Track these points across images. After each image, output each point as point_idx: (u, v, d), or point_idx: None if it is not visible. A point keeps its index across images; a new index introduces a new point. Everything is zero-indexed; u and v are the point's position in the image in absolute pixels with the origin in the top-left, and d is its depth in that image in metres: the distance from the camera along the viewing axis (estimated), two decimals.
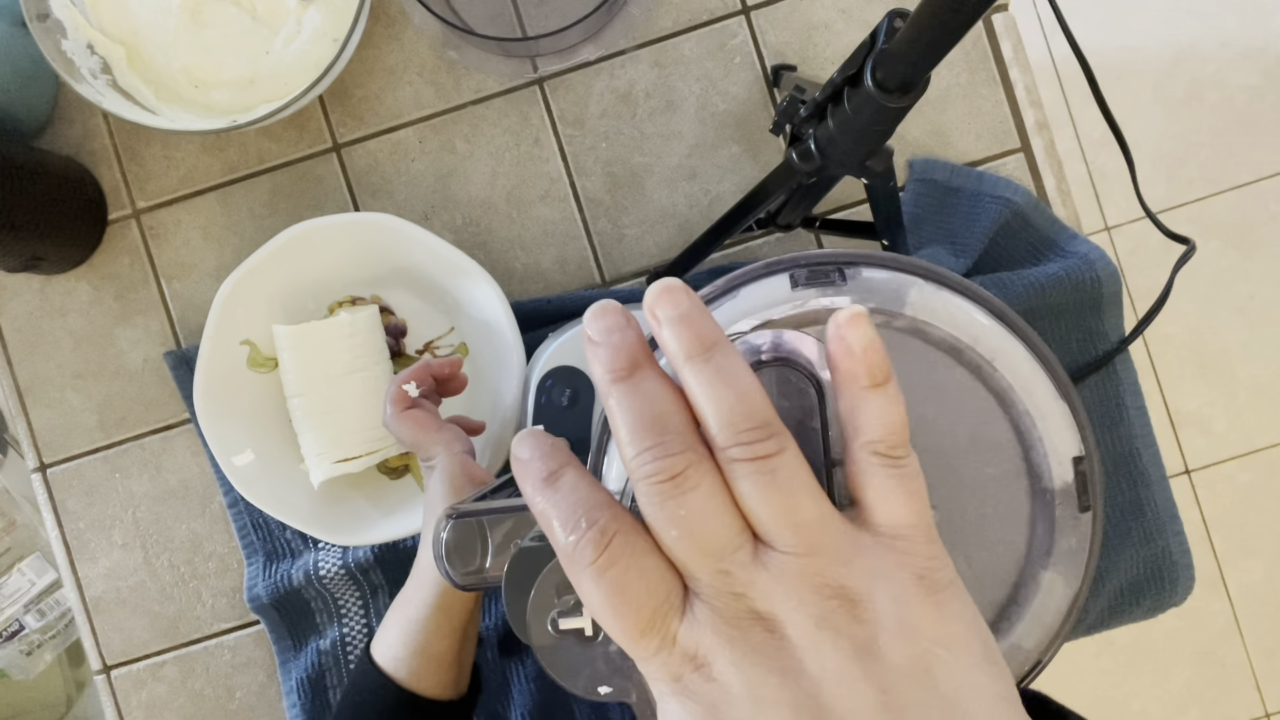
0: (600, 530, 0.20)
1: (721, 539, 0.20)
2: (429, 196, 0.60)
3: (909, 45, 0.30)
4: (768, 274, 0.29)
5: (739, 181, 0.60)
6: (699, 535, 0.20)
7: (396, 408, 0.49)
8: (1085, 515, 0.29)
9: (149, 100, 0.56)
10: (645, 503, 0.21)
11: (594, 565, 0.20)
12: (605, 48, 0.58)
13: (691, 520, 0.20)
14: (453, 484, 0.46)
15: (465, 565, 0.27)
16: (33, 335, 0.61)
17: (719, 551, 0.20)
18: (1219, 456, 1.43)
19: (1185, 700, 1.42)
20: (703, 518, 0.20)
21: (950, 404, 0.29)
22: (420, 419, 0.48)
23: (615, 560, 0.20)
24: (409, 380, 0.49)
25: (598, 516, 0.21)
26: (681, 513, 0.20)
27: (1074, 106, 1.42)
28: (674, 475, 0.20)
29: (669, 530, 0.20)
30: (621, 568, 0.20)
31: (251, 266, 0.54)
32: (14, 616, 0.74)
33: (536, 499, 0.22)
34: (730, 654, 0.20)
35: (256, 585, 0.58)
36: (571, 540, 0.21)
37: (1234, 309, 1.43)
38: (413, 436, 0.48)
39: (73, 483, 0.61)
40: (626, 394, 0.21)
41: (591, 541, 0.20)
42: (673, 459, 0.20)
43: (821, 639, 0.19)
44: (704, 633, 0.20)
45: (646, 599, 0.20)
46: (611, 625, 0.20)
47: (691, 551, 0.20)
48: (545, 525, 0.22)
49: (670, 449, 0.20)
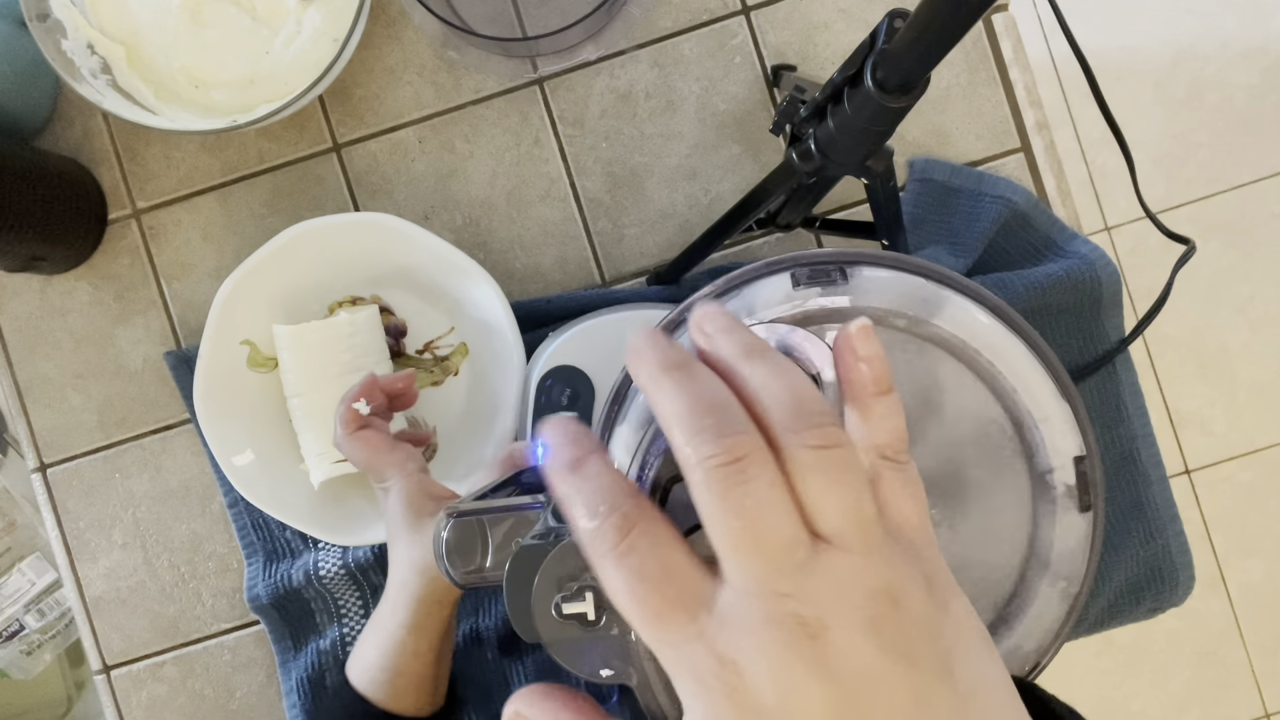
0: (623, 516, 0.20)
1: (784, 534, 0.19)
2: (429, 196, 0.60)
3: (909, 45, 0.31)
4: (769, 273, 0.29)
5: (739, 181, 0.60)
6: (761, 529, 0.19)
7: (347, 429, 0.47)
8: (1086, 515, 0.29)
9: (149, 100, 0.56)
10: (703, 490, 0.19)
11: (615, 550, 0.20)
12: (605, 48, 0.58)
13: (757, 511, 0.19)
14: (411, 504, 0.45)
15: (465, 565, 0.27)
16: (33, 335, 0.61)
17: (779, 548, 0.19)
18: (1219, 456, 1.43)
19: (1185, 700, 1.42)
20: (767, 509, 0.19)
21: (951, 403, 0.29)
22: (372, 440, 0.47)
23: (635, 547, 0.20)
24: (358, 398, 0.47)
25: (621, 503, 0.20)
26: (747, 502, 0.19)
27: (1074, 106, 1.43)
28: (737, 458, 0.19)
29: (730, 521, 0.19)
30: (642, 555, 0.20)
31: (251, 266, 0.54)
32: (14, 616, 0.74)
33: (560, 484, 0.21)
34: (765, 657, 0.19)
35: (256, 585, 0.58)
36: (593, 525, 0.20)
37: (1234, 309, 1.43)
38: (365, 458, 0.46)
39: (73, 483, 0.61)
40: (682, 380, 0.21)
41: (614, 526, 0.20)
42: (736, 438, 0.19)
43: (866, 644, 0.19)
44: (737, 633, 0.19)
45: (668, 587, 0.19)
46: (631, 612, 0.20)
47: (749, 546, 0.19)
48: (569, 510, 0.21)
49: (733, 428, 0.20)
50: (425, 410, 0.58)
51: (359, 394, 0.48)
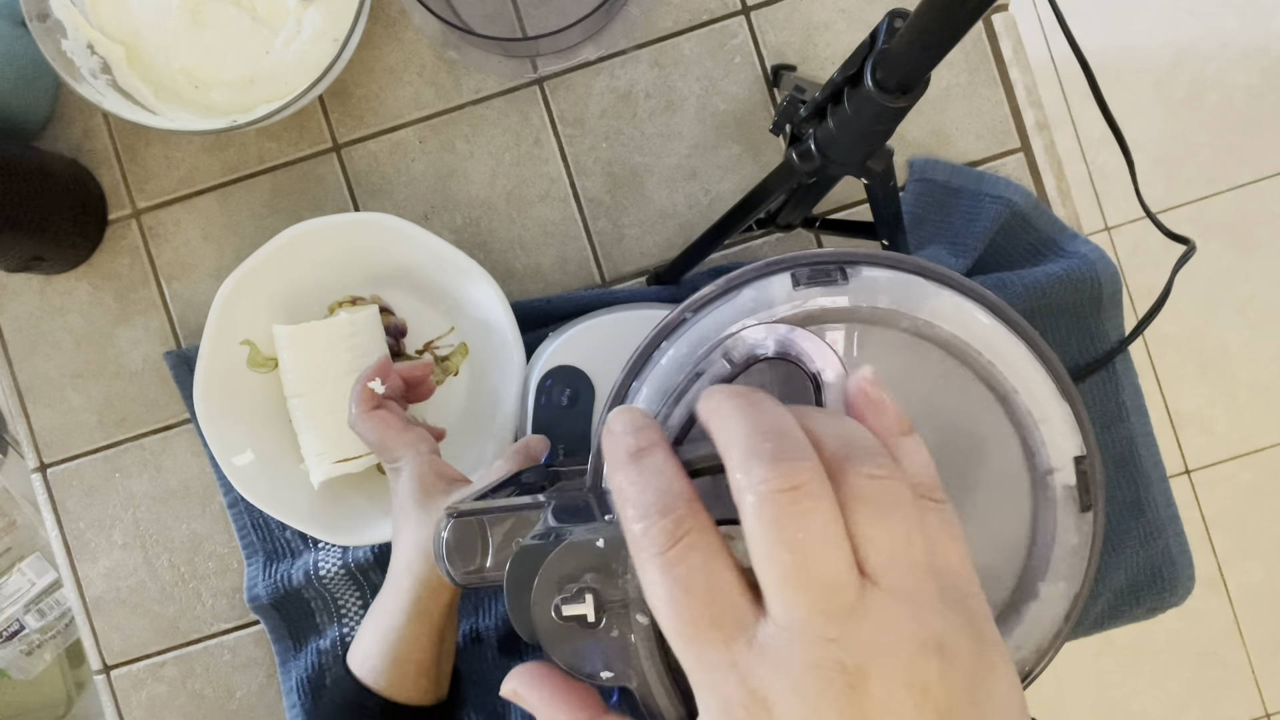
0: (677, 521, 0.19)
1: (836, 574, 0.18)
2: (429, 196, 0.60)
3: (909, 45, 0.30)
4: (769, 273, 0.29)
5: (739, 181, 0.60)
6: (812, 566, 0.18)
7: (362, 407, 0.47)
8: (1086, 515, 0.29)
9: (149, 100, 0.56)
10: (754, 518, 0.18)
11: (664, 556, 0.19)
12: (605, 48, 0.58)
13: (810, 546, 0.18)
14: (423, 484, 0.45)
15: (466, 565, 0.27)
16: (33, 335, 0.61)
17: (829, 588, 0.18)
18: (1219, 456, 1.43)
19: (1185, 700, 1.42)
20: (821, 545, 0.18)
21: (951, 403, 0.29)
22: (386, 419, 0.47)
23: (686, 557, 0.19)
24: (373, 377, 0.47)
25: (676, 506, 0.19)
26: (799, 536, 0.18)
27: (1074, 106, 1.43)
28: (795, 485, 0.18)
29: (780, 554, 0.18)
30: (691, 567, 0.19)
31: (251, 266, 0.54)
32: (14, 616, 0.74)
33: (617, 475, 0.20)
34: (800, 701, 0.18)
35: (256, 585, 0.58)
36: (642, 526, 0.19)
37: (1234, 309, 1.43)
38: (379, 438, 0.46)
39: (73, 483, 0.61)
40: (744, 406, 0.20)
41: (665, 531, 0.19)
42: (795, 464, 0.18)
43: (906, 700, 0.18)
44: (773, 672, 0.18)
45: (711, 606, 0.18)
46: (668, 622, 0.19)
47: (797, 582, 0.18)
48: (620, 504, 0.20)
49: (793, 454, 0.19)
50: (425, 410, 0.58)
51: (374, 373, 0.48)
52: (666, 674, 0.22)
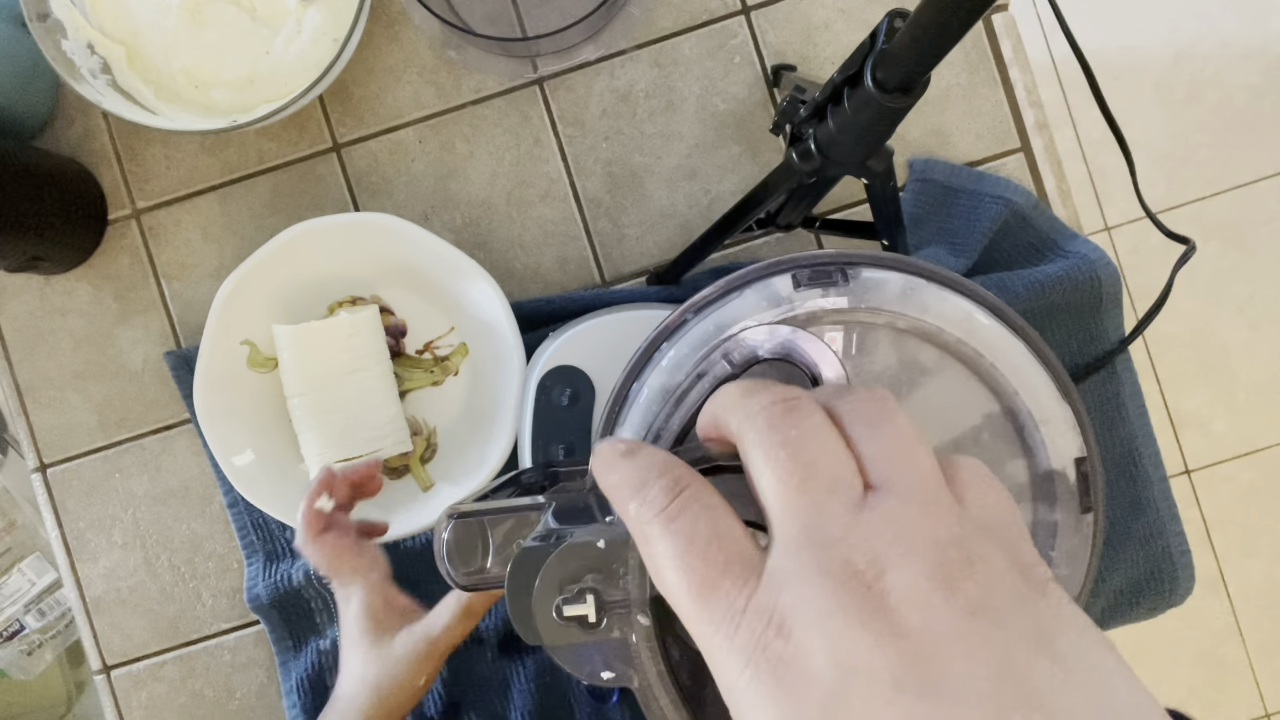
0: (674, 479, 0.19)
1: (832, 468, 0.18)
2: (429, 196, 0.60)
3: (909, 45, 0.30)
4: (770, 274, 0.29)
5: (739, 181, 0.60)
6: (807, 459, 0.18)
7: (310, 532, 0.44)
8: (1087, 516, 0.29)
9: (149, 100, 0.56)
10: (752, 432, 0.19)
11: (665, 513, 0.19)
12: (605, 48, 0.58)
13: (802, 442, 0.18)
14: (373, 618, 0.44)
15: (466, 565, 0.27)
16: (33, 335, 0.61)
17: (826, 481, 0.18)
18: (1219, 456, 1.43)
19: (1185, 700, 1.42)
20: (814, 441, 0.18)
21: (952, 404, 0.29)
22: (337, 545, 0.45)
23: (686, 508, 0.19)
24: (319, 493, 0.45)
25: (670, 468, 0.20)
26: (793, 433, 0.18)
27: (1074, 106, 1.42)
28: (789, 399, 0.19)
29: (777, 453, 0.18)
30: (694, 516, 0.18)
31: (251, 266, 0.54)
32: (14, 616, 0.74)
33: (608, 474, 0.20)
34: (815, 611, 0.16)
35: (256, 585, 0.58)
36: (638, 499, 0.19)
37: (1234, 309, 1.43)
38: (328, 565, 0.45)
39: (73, 483, 0.61)
40: (748, 383, 0.21)
41: (664, 489, 0.19)
42: (789, 391, 0.19)
43: (935, 592, 0.16)
44: (784, 592, 0.17)
45: (718, 551, 0.18)
46: (679, 584, 0.18)
47: (796, 482, 0.18)
48: (614, 496, 0.20)
49: (788, 391, 0.20)
50: (425, 410, 0.58)
51: (320, 489, 0.45)
52: (667, 674, 0.22)
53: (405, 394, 0.58)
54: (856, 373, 0.29)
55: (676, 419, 0.26)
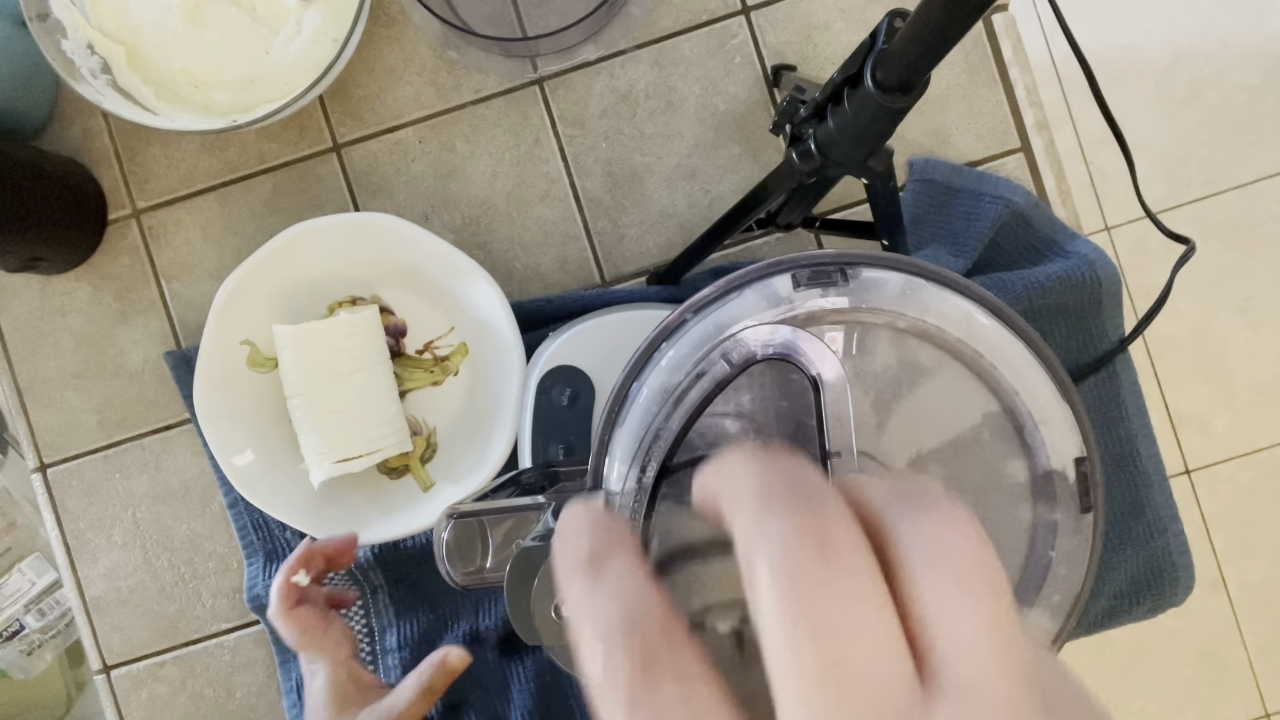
0: (643, 640, 0.14)
1: (887, 683, 0.12)
2: (429, 196, 0.60)
3: (909, 45, 0.30)
4: (770, 274, 0.29)
5: (739, 181, 0.60)
6: (842, 656, 0.12)
7: (284, 604, 0.45)
8: (1087, 516, 0.29)
9: (149, 100, 0.56)
10: (765, 567, 0.13)
11: (626, 692, 0.13)
12: (605, 48, 0.58)
13: (838, 622, 0.12)
14: (339, 694, 0.44)
15: (466, 565, 0.27)
16: (33, 335, 0.61)
17: (868, 699, 0.12)
18: (1219, 456, 1.43)
19: (1185, 700, 1.42)
20: (860, 632, 0.12)
21: (951, 404, 0.29)
22: (307, 620, 0.45)
23: (654, 692, 0.13)
24: (297, 569, 0.45)
25: (640, 619, 0.14)
26: (824, 600, 0.13)
27: (1074, 106, 1.42)
28: (821, 528, 0.13)
29: (796, 634, 0.12)
30: (661, 705, 0.13)
31: (251, 266, 0.54)
32: (14, 616, 0.74)
33: (569, 587, 0.15)
34: None
35: (257, 585, 0.58)
36: (595, 652, 0.14)
37: (1234, 309, 1.43)
38: (297, 639, 0.45)
39: (73, 483, 0.61)
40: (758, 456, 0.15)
41: (628, 653, 0.14)
42: (817, 516, 0.13)
43: None
44: None
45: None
46: None
47: (820, 694, 0.12)
48: (574, 629, 0.15)
49: (812, 502, 0.14)
50: (425, 410, 0.58)
51: (298, 564, 0.46)
52: None
53: (405, 394, 0.58)
54: (856, 372, 0.29)
55: (676, 419, 0.26)
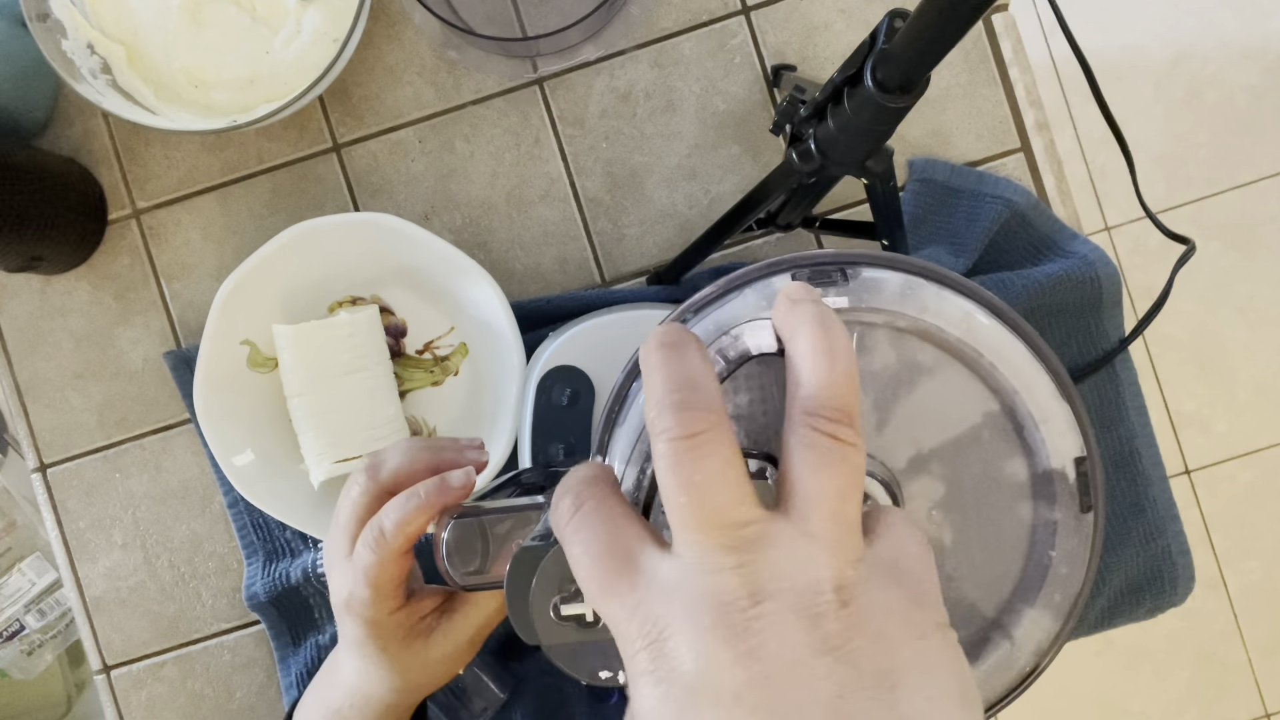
0: (575, 495, 0.21)
1: (730, 515, 0.19)
2: (429, 196, 0.60)
3: (909, 45, 0.30)
4: (770, 274, 0.29)
5: (739, 181, 0.60)
6: (707, 506, 0.19)
7: (400, 546, 0.33)
8: (1087, 516, 0.29)
9: (149, 100, 0.56)
10: (660, 465, 0.20)
11: (568, 525, 0.21)
12: (605, 48, 0.58)
13: (704, 488, 0.19)
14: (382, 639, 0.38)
15: (466, 565, 0.27)
16: (33, 335, 0.61)
17: (724, 527, 0.19)
18: (1219, 456, 1.43)
19: (1185, 700, 1.42)
20: (715, 487, 0.19)
21: (951, 403, 0.29)
22: (401, 573, 0.35)
23: (584, 522, 0.21)
24: (439, 509, 0.32)
25: (574, 485, 0.22)
26: (695, 478, 0.19)
27: (1074, 106, 1.43)
28: (693, 433, 0.20)
29: (678, 496, 0.20)
30: (590, 528, 0.21)
31: (251, 266, 0.54)
32: (14, 616, 0.74)
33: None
34: (691, 625, 0.19)
35: (255, 584, 0.58)
36: (554, 509, 0.22)
37: (1234, 309, 1.43)
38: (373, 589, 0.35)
39: (73, 483, 0.61)
40: (668, 357, 0.21)
41: (569, 503, 0.21)
42: (695, 413, 0.20)
43: (796, 627, 0.18)
44: (670, 601, 0.19)
45: (610, 559, 0.20)
46: (584, 582, 0.21)
47: (693, 522, 0.19)
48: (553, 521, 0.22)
49: (695, 404, 0.20)
50: (425, 410, 0.58)
51: (437, 500, 0.32)
52: None
53: (405, 394, 0.58)
54: None
55: None
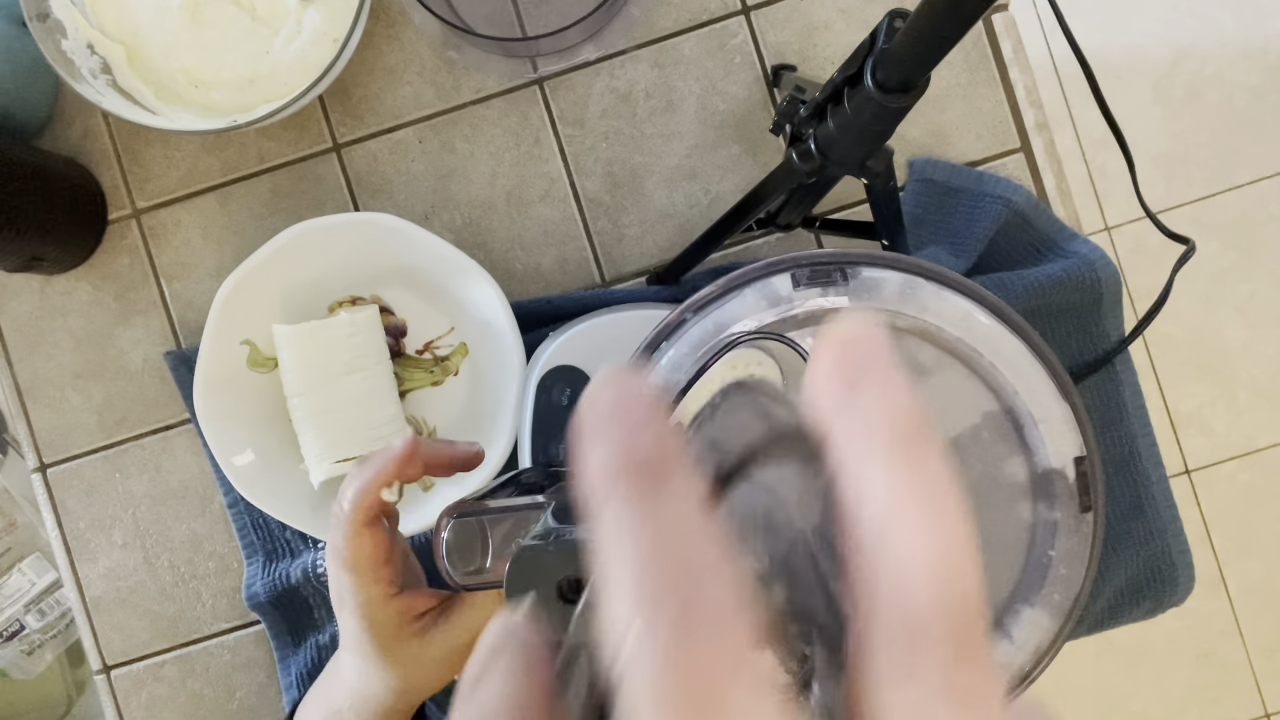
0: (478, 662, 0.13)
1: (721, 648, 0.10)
2: (429, 196, 0.60)
3: (909, 45, 0.30)
4: (769, 274, 0.29)
5: (739, 181, 0.60)
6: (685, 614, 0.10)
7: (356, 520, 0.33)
8: (1086, 516, 0.29)
9: (149, 100, 0.56)
10: (602, 518, 0.11)
11: (468, 687, 0.13)
12: (605, 48, 0.58)
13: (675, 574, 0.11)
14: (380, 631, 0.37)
15: (465, 565, 0.27)
16: (33, 335, 0.61)
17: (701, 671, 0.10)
18: (1219, 456, 1.43)
19: (1185, 700, 1.42)
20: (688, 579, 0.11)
21: (952, 403, 0.29)
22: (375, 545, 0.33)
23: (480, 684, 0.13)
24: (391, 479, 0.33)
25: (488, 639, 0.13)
26: (649, 550, 0.11)
27: (1074, 106, 1.42)
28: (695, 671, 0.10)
29: (623, 587, 0.11)
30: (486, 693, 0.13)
31: (251, 266, 0.54)
32: (14, 616, 0.74)
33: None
34: None
35: (255, 584, 0.58)
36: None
37: (1234, 309, 1.43)
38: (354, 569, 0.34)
39: (73, 483, 0.61)
40: (639, 503, 0.11)
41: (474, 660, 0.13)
42: (698, 647, 0.10)
43: None
44: None
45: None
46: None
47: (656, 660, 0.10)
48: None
49: (696, 624, 0.10)
50: (425, 410, 0.58)
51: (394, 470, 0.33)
52: None
53: (405, 394, 0.58)
54: None
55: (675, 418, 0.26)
